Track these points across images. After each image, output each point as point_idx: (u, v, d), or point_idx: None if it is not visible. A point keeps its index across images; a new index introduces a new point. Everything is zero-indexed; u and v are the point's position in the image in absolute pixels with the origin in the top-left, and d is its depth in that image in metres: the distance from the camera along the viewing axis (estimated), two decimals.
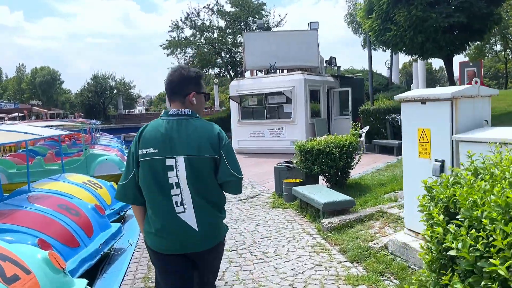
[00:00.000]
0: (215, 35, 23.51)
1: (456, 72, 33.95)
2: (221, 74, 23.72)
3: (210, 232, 2.33)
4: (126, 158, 2.48)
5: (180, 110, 2.35)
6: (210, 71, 24.08)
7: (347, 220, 5.27)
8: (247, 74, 16.98)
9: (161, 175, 2.27)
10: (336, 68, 18.02)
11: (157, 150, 2.27)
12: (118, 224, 6.06)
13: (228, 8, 22.98)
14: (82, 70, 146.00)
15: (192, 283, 2.41)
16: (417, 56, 14.69)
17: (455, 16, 12.29)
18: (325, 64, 17.26)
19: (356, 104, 15.94)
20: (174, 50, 23.80)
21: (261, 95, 15.49)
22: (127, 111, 70.36)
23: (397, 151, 12.97)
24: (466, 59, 42.45)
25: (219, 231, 2.41)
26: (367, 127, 14.34)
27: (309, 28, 16.21)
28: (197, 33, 23.63)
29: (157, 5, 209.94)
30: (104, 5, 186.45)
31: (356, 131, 7.64)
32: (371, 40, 14.75)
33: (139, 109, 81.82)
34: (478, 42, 21.95)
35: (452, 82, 14.36)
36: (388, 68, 25.80)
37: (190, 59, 23.61)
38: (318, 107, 15.44)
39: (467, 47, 15.01)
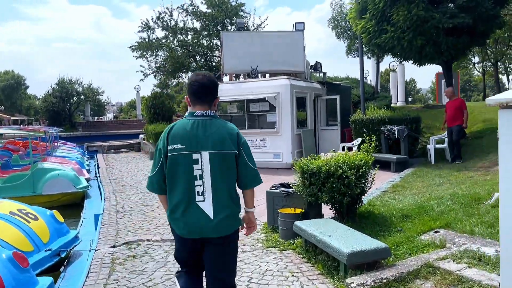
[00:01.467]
0: (189, 37, 21.74)
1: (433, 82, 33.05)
2: None
3: (224, 221, 2.61)
4: (84, 171, 2.40)
5: (205, 111, 2.69)
6: (183, 75, 22.23)
7: (384, 280, 3.61)
8: (226, 78, 15.28)
9: (187, 167, 2.59)
10: (322, 74, 16.57)
11: (184, 146, 2.60)
12: (49, 280, 4.20)
13: (203, 8, 21.29)
14: (51, 75, 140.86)
15: (199, 259, 2.73)
16: (413, 61, 13.37)
17: (459, 16, 11.01)
18: (310, 70, 15.77)
19: (344, 113, 14.53)
20: (144, 53, 21.85)
21: (241, 102, 13.81)
22: (96, 118, 67.21)
23: (395, 166, 11.50)
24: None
25: (232, 222, 2.67)
26: (359, 139, 12.88)
27: (294, 29, 14.70)
28: (170, 34, 21.80)
29: (129, 12, 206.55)
30: (74, 10, 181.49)
31: (371, 145, 6.06)
32: (363, 43, 13.36)
33: (109, 116, 78.64)
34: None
35: None
36: (366, 77, 24.62)
37: (162, 62, 21.72)
38: (304, 116, 13.89)
39: (468, 52, 13.87)
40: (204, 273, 2.82)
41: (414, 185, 8.56)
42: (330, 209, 5.81)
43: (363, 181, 5.39)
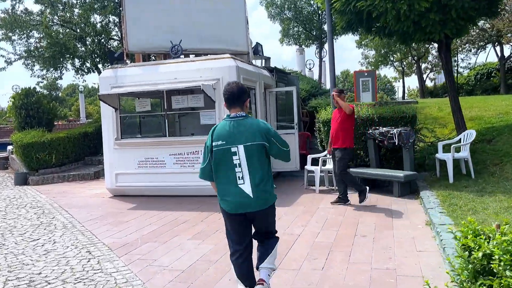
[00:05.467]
0: (76, 13, 16.05)
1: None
2: (85, 69, 16.18)
3: (261, 198, 3.25)
4: None
5: (238, 113, 3.32)
6: (68, 64, 16.38)
7: None
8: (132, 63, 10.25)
9: (228, 158, 3.25)
10: (264, 60, 12.35)
11: (224, 142, 3.25)
12: None
13: None
14: None
15: (246, 235, 3.42)
16: (398, 39, 9.76)
17: None
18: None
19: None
20: (10, 33, 15.66)
21: (158, 94, 9.03)
22: None
23: (400, 189, 7.69)
24: (363, 68, 41.05)
25: (267, 198, 3.30)
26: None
27: None
28: (47, 9, 15.94)
29: None
30: None
31: None
32: (334, 10, 9.39)
33: None
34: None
35: (450, 76, 9.69)
36: (310, 69, 21.09)
37: (36, 45, 15.72)
38: (252, 115, 9.52)
39: (473, 27, 10.74)
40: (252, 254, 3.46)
41: None
42: None
43: None
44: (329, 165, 8.73)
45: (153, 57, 10.33)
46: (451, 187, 7.35)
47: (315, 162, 9.13)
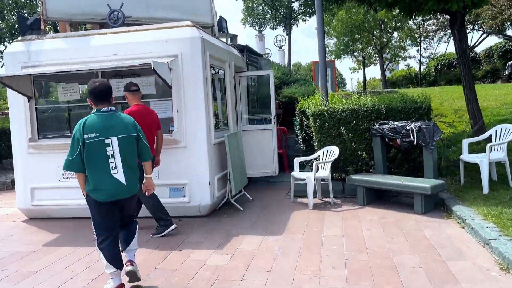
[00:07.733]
0: None
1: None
2: (3, 48, 13.07)
3: (132, 185, 3.62)
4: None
5: (109, 108, 3.58)
6: None
7: None
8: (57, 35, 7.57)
9: (102, 150, 3.47)
10: (230, 37, 10.06)
11: (98, 134, 3.45)
12: None
13: None
14: None
15: (116, 219, 3.69)
16: (403, 11, 7.83)
17: None
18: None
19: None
20: None
21: (91, 77, 6.50)
22: None
23: (424, 203, 5.76)
24: (328, 58, 39.67)
25: (136, 185, 3.70)
26: (333, 150, 6.81)
27: None
28: None
29: None
30: None
31: None
32: None
33: None
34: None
35: (465, 57, 7.88)
36: (280, 47, 18.93)
37: None
38: (222, 107, 7.26)
39: None
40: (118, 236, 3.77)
41: None
42: None
43: None
44: (324, 172, 6.67)
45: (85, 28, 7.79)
46: (492, 201, 5.52)
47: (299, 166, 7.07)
